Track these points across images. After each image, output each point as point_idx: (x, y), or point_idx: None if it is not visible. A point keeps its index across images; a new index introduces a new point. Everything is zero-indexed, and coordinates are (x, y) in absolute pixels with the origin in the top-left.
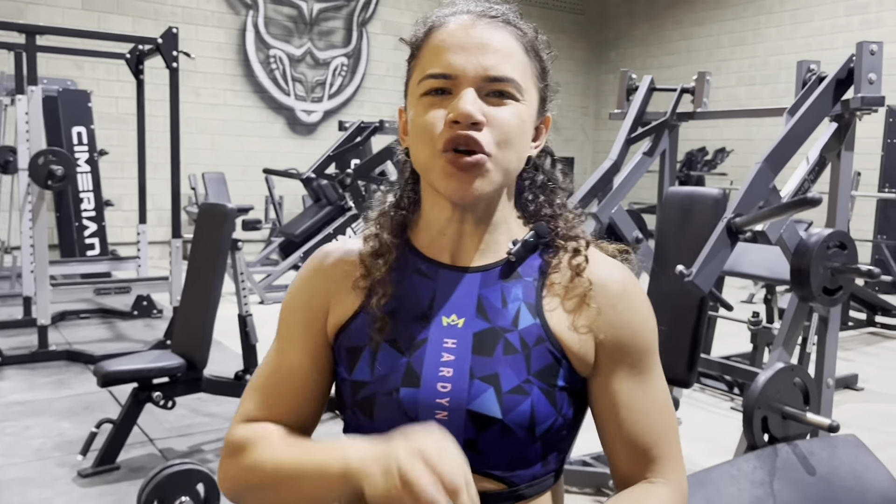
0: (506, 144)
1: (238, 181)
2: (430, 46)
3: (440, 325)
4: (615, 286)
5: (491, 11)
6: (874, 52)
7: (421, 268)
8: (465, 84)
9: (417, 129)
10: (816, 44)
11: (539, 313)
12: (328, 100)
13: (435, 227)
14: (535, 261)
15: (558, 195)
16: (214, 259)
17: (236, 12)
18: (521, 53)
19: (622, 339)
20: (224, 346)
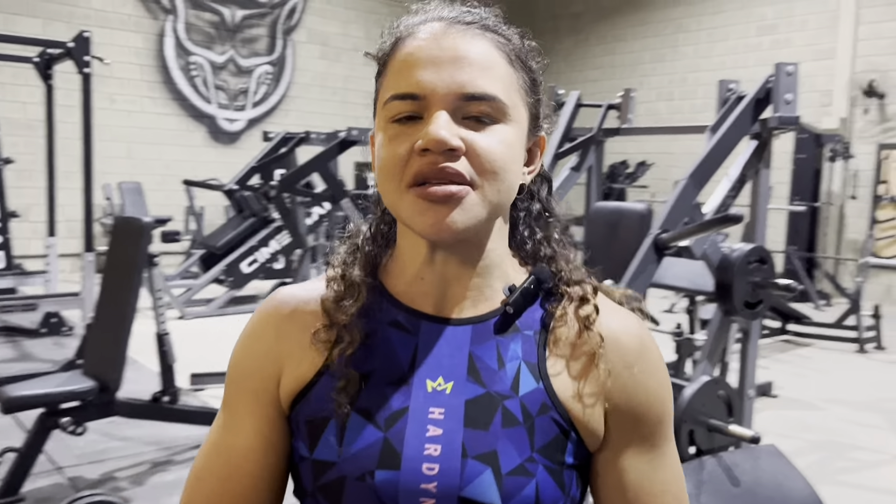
0: (491, 175)
1: (156, 191)
2: (396, 61)
3: (424, 391)
4: (631, 343)
5: (466, 17)
6: (791, 73)
7: (398, 319)
8: (437, 105)
9: (382, 163)
10: (731, 62)
11: (543, 375)
12: (252, 108)
13: (410, 270)
14: (536, 311)
15: (555, 228)
16: (130, 275)
17: (154, 17)
18: (504, 64)
19: (636, 407)
20: (140, 364)
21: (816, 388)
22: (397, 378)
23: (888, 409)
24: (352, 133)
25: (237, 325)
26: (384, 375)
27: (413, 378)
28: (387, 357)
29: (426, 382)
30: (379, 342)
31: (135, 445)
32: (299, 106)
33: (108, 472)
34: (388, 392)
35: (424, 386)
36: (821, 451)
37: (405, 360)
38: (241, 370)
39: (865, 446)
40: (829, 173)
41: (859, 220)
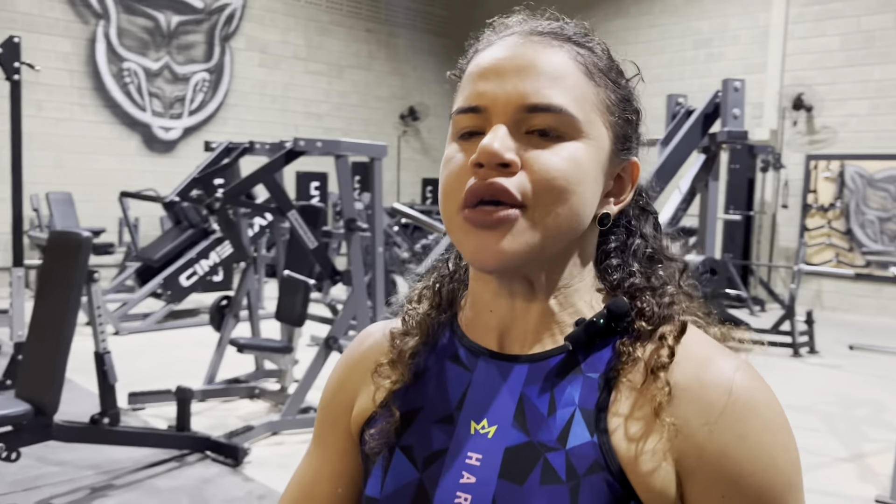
0: (548, 194)
1: (87, 202)
2: (466, 75)
3: (466, 433)
4: (717, 393)
5: (544, 27)
6: (738, 88)
7: (458, 353)
8: (498, 118)
9: (442, 183)
10: (667, 74)
11: (599, 427)
12: (188, 116)
13: (480, 303)
14: (607, 353)
15: (663, 267)
16: (67, 292)
17: (85, 21)
18: (579, 75)
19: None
20: (75, 384)
21: None
22: (444, 416)
23: (824, 412)
24: (299, 143)
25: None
26: (432, 412)
27: (459, 417)
28: (438, 393)
29: (471, 423)
30: (434, 376)
31: (72, 470)
32: (238, 114)
33: (43, 499)
34: (431, 431)
35: (468, 427)
36: None
37: (455, 398)
38: (324, 400)
39: (806, 449)
40: (761, 183)
41: (790, 228)
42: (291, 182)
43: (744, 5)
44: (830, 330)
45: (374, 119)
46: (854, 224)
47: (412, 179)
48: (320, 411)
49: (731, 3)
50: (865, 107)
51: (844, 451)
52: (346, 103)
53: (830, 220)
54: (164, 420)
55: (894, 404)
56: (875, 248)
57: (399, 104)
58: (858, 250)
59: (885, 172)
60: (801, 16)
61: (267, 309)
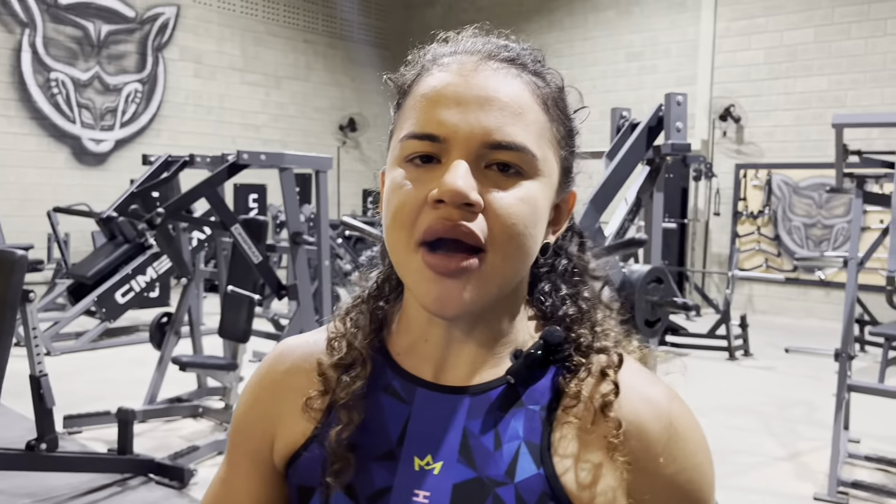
0: (510, 241)
1: (14, 217)
2: (418, 95)
3: (411, 469)
4: (658, 428)
5: (502, 52)
6: (680, 102)
7: (393, 385)
8: (458, 150)
9: (391, 210)
10: (602, 86)
11: (545, 461)
12: (120, 128)
13: (416, 330)
14: (546, 385)
15: (587, 286)
16: (2, 314)
17: (9, 30)
18: (538, 111)
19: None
20: (7, 408)
21: (697, 396)
22: (384, 452)
23: (761, 412)
24: (242, 156)
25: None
26: (371, 448)
27: (401, 453)
28: (376, 427)
29: (414, 459)
30: (370, 409)
31: (7, 499)
32: (172, 126)
33: None
34: (373, 467)
35: (412, 463)
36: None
37: (395, 433)
38: (239, 428)
39: (746, 450)
40: (694, 192)
41: (722, 234)
42: (230, 194)
43: (673, 20)
44: (762, 333)
45: (313, 130)
46: (781, 230)
47: (353, 190)
48: (236, 435)
49: (661, 17)
50: (790, 118)
51: (782, 450)
52: (284, 114)
53: (759, 226)
54: (103, 443)
55: (826, 404)
56: (803, 253)
57: (338, 115)
58: (786, 255)
59: (810, 180)
60: (728, 30)
61: (207, 325)
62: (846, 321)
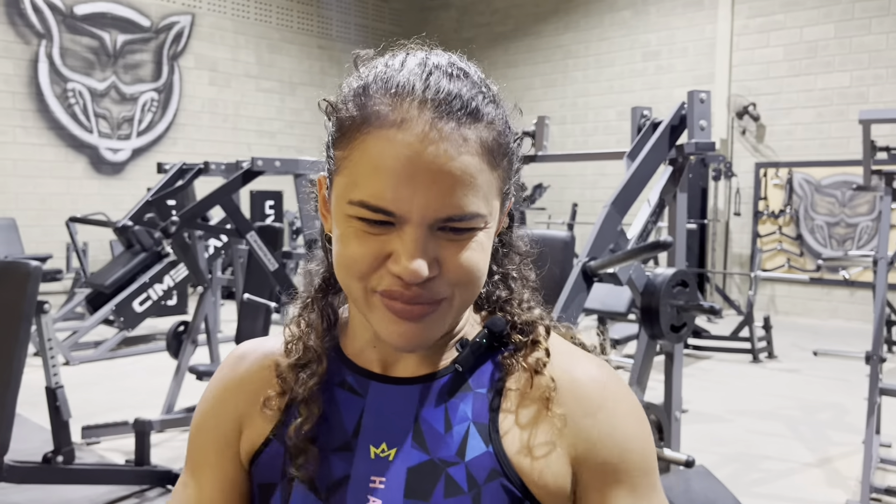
0: (465, 286)
1: (32, 227)
2: (368, 156)
3: (367, 458)
4: (592, 388)
5: (455, 103)
6: (703, 100)
7: (347, 380)
8: (413, 224)
9: (346, 259)
10: (618, 86)
11: (492, 437)
12: (137, 137)
13: (364, 336)
14: (489, 367)
15: (514, 265)
16: (16, 325)
17: (26, 41)
18: (486, 170)
19: (606, 460)
20: (25, 419)
21: (720, 400)
22: (341, 444)
23: (787, 416)
24: (256, 163)
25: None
26: (328, 440)
27: (357, 444)
28: (332, 420)
29: (370, 448)
30: (326, 404)
31: None
32: (188, 134)
33: None
34: (331, 459)
35: (368, 452)
36: (734, 464)
37: (350, 425)
38: (202, 425)
39: (774, 455)
40: (714, 192)
41: (743, 235)
42: (246, 201)
43: (690, 18)
44: (786, 334)
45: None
46: (804, 229)
47: None
48: (197, 437)
49: (678, 16)
50: (810, 115)
51: (811, 456)
52: (299, 121)
53: (781, 226)
54: (121, 454)
55: (855, 407)
56: (829, 253)
57: None
58: (809, 255)
59: (832, 178)
60: (746, 27)
61: (224, 332)
62: (877, 322)
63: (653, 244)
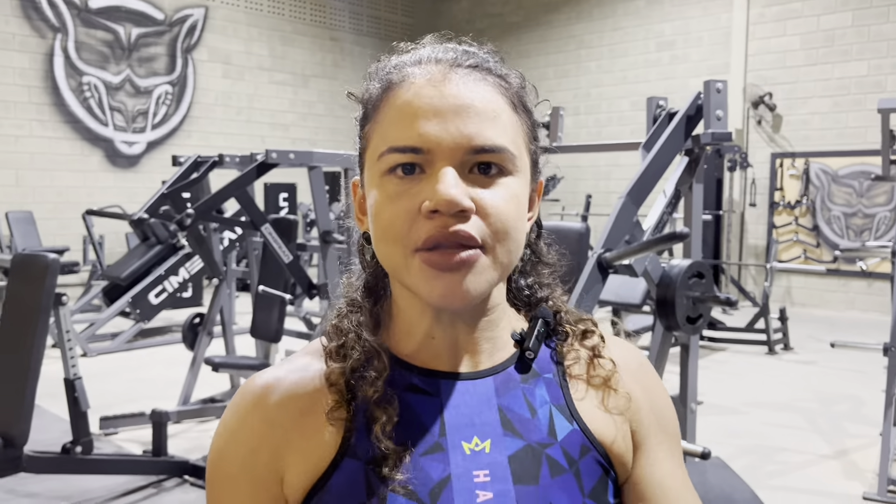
0: (503, 235)
1: (49, 220)
2: (392, 108)
3: (462, 454)
4: (634, 363)
5: (467, 59)
6: (720, 90)
7: (415, 382)
8: (443, 159)
9: (382, 224)
10: (632, 76)
11: (575, 416)
12: (152, 130)
13: (420, 330)
14: (544, 353)
15: (545, 270)
16: (34, 317)
17: (42, 36)
18: (509, 111)
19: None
20: (44, 410)
21: (736, 392)
22: (430, 446)
23: (804, 409)
24: (271, 155)
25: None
26: (415, 446)
27: (447, 442)
28: (412, 425)
29: (462, 445)
30: (400, 410)
31: (44, 502)
32: (202, 126)
33: None
34: (423, 463)
35: (461, 449)
36: (750, 456)
37: (433, 425)
38: (227, 471)
39: (790, 447)
40: (729, 183)
41: (758, 226)
42: (260, 193)
43: (705, 7)
44: (802, 326)
45: (340, 128)
46: (820, 220)
47: None
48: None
49: (693, 5)
50: (827, 104)
51: (828, 448)
52: (312, 113)
53: (797, 216)
54: (139, 444)
55: (873, 399)
56: (846, 244)
57: None
58: (825, 246)
59: (849, 168)
60: (762, 16)
61: (240, 324)
62: (895, 313)
63: (669, 235)
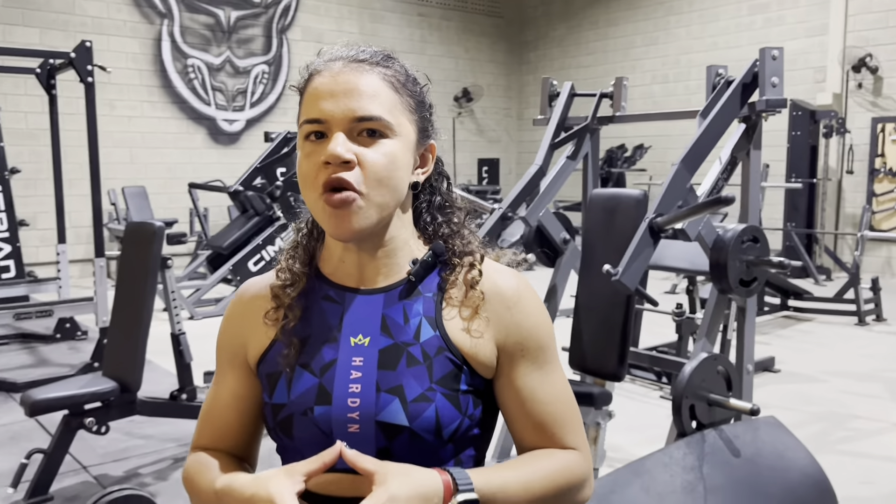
0: (378, 182)
1: (160, 194)
2: (308, 93)
3: (348, 346)
4: (510, 292)
5: (359, 56)
6: (776, 56)
7: (329, 293)
8: (336, 127)
9: (301, 174)
10: (723, 42)
11: (438, 325)
12: (250, 108)
13: (335, 256)
14: (434, 278)
15: (455, 214)
16: (144, 278)
17: (150, 21)
18: (389, 91)
19: (520, 339)
20: (156, 365)
21: (817, 361)
22: (329, 337)
23: (888, 379)
24: None
25: None
26: (319, 336)
27: (340, 336)
28: (321, 322)
29: (350, 339)
30: (315, 312)
31: (155, 443)
32: (297, 104)
33: (131, 469)
34: (321, 349)
35: (349, 342)
36: (822, 422)
37: (335, 324)
38: (220, 344)
39: (865, 415)
40: (825, 149)
41: (857, 194)
42: None
43: None
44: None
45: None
46: None
47: (468, 161)
48: (218, 352)
49: None
50: None
51: None
52: None
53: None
54: None
55: None
56: None
57: (453, 86)
58: None
59: None
60: None
61: None
62: None
63: (714, 200)
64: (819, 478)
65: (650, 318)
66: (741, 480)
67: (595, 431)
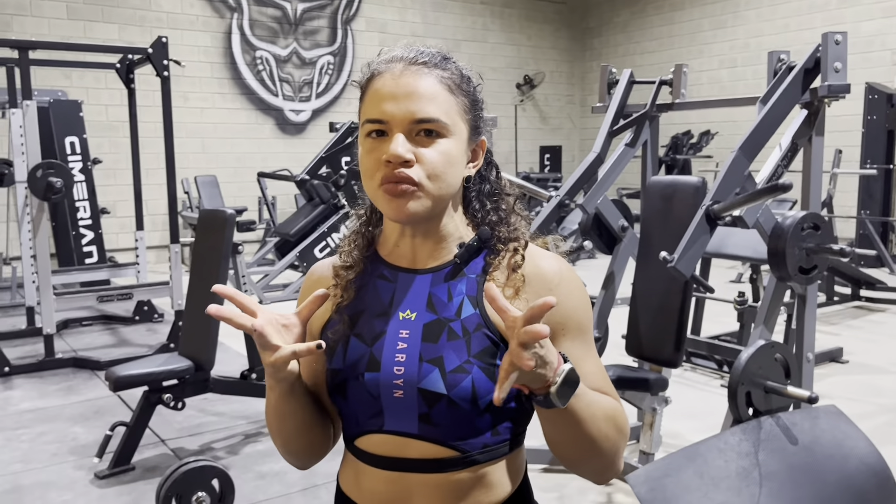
0: (434, 177)
1: (230, 183)
2: (370, 93)
3: (397, 320)
4: (551, 274)
5: (419, 58)
6: (839, 41)
7: (384, 273)
8: (397, 128)
9: (363, 168)
10: (795, 24)
11: (479, 304)
12: (316, 99)
13: (391, 240)
14: (479, 262)
15: (504, 201)
16: (217, 263)
17: (221, 15)
18: (446, 94)
19: (561, 319)
20: (227, 346)
21: (888, 353)
22: (381, 312)
23: None
24: None
25: None
26: (373, 311)
27: (391, 311)
28: (375, 298)
29: (399, 314)
30: (371, 289)
31: (227, 419)
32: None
33: (206, 443)
34: (374, 322)
35: (398, 316)
36: (890, 414)
37: (387, 300)
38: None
39: None
40: None
41: None
42: None
43: None
44: None
45: (490, 90)
46: None
47: (529, 148)
48: None
49: None
50: None
51: None
52: None
53: None
54: None
55: None
56: None
57: (515, 74)
58: None
59: None
60: None
61: None
62: None
63: (771, 187)
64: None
65: (712, 307)
66: (797, 467)
67: (651, 417)
